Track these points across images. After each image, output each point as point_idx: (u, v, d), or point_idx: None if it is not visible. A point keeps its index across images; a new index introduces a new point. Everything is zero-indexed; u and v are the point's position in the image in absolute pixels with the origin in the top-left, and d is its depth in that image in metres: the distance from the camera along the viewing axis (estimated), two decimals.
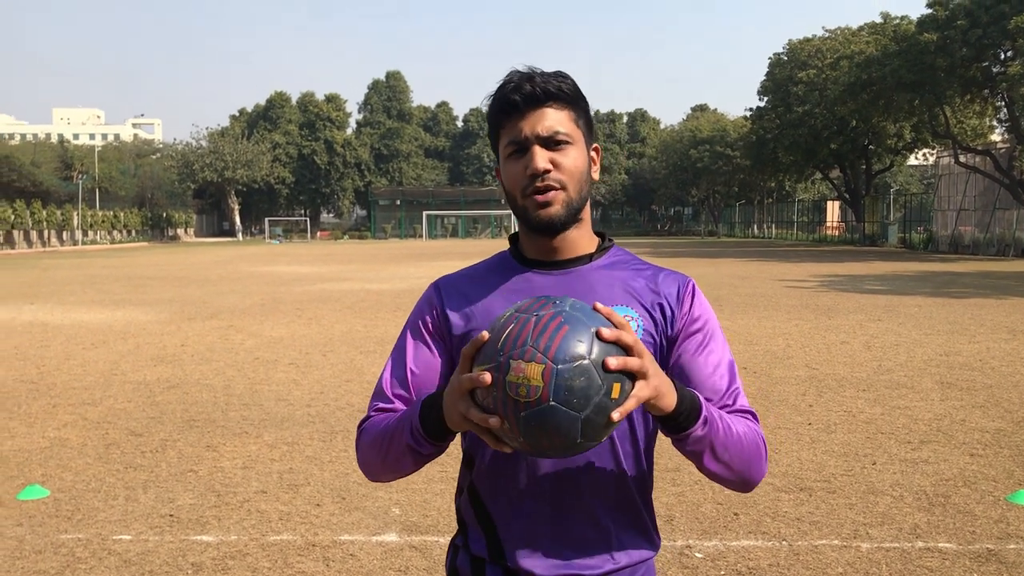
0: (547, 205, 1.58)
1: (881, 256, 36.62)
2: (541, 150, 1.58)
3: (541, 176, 1.57)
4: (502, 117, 1.62)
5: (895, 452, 6.14)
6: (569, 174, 1.59)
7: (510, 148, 1.61)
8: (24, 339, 12.40)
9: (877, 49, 42.63)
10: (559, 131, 1.58)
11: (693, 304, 1.67)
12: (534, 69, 1.62)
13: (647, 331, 1.62)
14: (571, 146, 1.60)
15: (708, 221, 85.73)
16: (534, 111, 1.59)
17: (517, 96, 1.58)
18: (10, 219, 55.52)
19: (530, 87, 1.58)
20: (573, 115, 1.62)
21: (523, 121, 1.59)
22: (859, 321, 13.59)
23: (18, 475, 5.81)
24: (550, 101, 1.59)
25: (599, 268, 1.67)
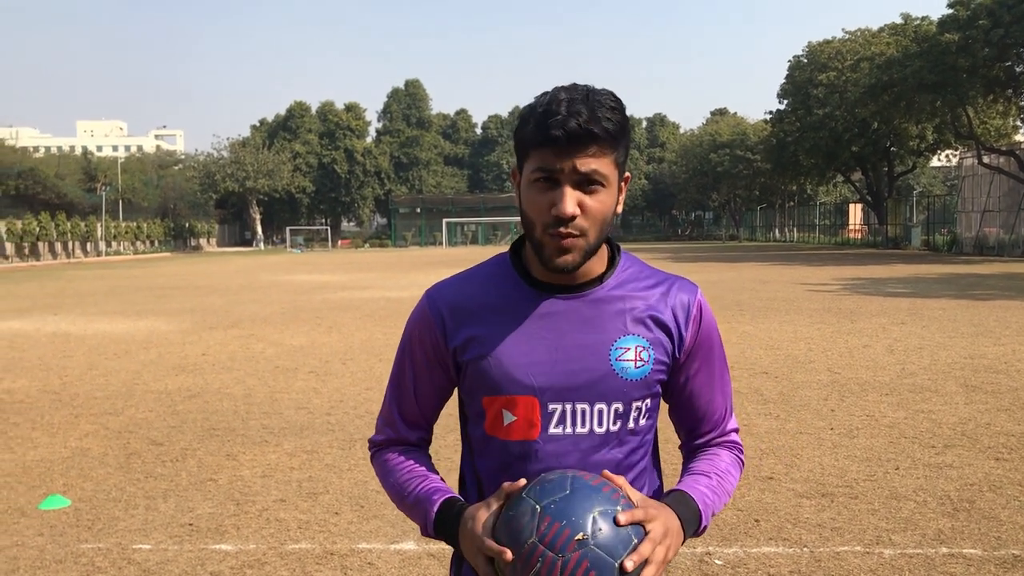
0: (565, 252, 1.50)
1: (904, 259, 36.32)
2: (571, 191, 1.47)
3: (568, 222, 1.48)
4: (538, 145, 1.49)
5: (918, 457, 6.06)
6: (594, 220, 1.50)
7: (538, 175, 1.50)
8: (48, 350, 12.51)
9: (898, 50, 42.38)
10: (596, 171, 1.48)
11: (701, 325, 1.65)
12: (581, 91, 1.49)
13: (658, 360, 1.60)
14: (603, 189, 1.50)
15: (729, 225, 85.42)
16: (575, 149, 1.46)
17: (560, 132, 1.45)
18: (35, 231, 56.16)
19: (576, 124, 1.44)
20: (614, 154, 1.50)
21: (561, 155, 1.46)
22: (882, 324, 13.46)
23: (40, 485, 5.84)
24: (596, 142, 1.46)
25: (610, 291, 1.61)
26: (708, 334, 1.66)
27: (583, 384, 1.56)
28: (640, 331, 1.59)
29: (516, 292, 1.61)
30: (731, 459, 1.72)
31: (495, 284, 1.64)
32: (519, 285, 1.62)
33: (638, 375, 1.58)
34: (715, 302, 17.64)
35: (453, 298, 1.65)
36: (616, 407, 1.58)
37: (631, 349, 1.58)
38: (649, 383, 1.60)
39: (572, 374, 1.56)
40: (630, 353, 1.58)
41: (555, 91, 1.50)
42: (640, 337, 1.59)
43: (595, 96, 1.49)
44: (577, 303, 1.59)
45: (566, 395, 1.57)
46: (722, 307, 16.57)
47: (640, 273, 1.66)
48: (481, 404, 1.62)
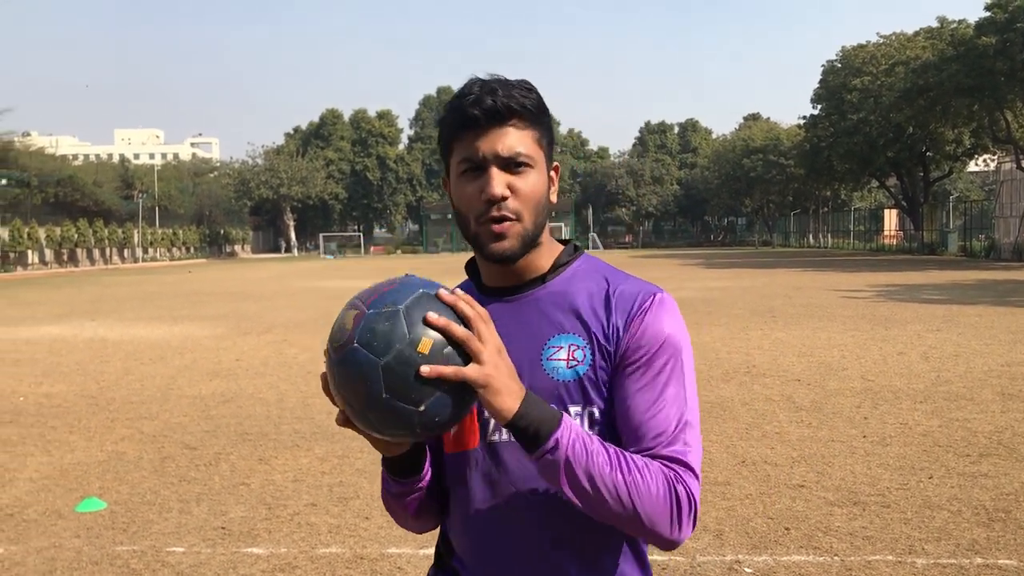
0: (501, 238, 1.44)
1: (940, 265, 35.85)
2: (499, 173, 1.43)
3: (498, 203, 1.42)
4: (458, 131, 1.45)
5: (953, 465, 5.99)
6: (526, 201, 1.44)
7: (464, 165, 1.45)
8: (85, 355, 12.71)
9: (934, 54, 41.93)
10: (520, 152, 1.43)
11: (643, 325, 1.44)
12: (496, 77, 1.47)
13: (597, 361, 1.45)
14: (531, 169, 1.45)
15: (762, 231, 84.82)
16: (495, 128, 1.42)
17: (477, 110, 1.42)
18: (73, 237, 57.09)
19: (492, 101, 1.42)
20: (536, 134, 1.47)
21: (481, 139, 1.43)
22: (917, 331, 13.31)
23: (77, 488, 5.95)
24: (513, 118, 1.43)
25: (552, 290, 1.52)
26: (656, 336, 1.44)
27: None
28: (576, 329, 1.48)
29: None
30: (655, 469, 1.36)
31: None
32: (473, 295, 1.52)
33: (570, 376, 1.45)
34: (748, 308, 17.53)
35: None
36: None
37: (563, 348, 1.47)
38: (586, 386, 1.45)
39: None
40: (562, 352, 1.46)
41: (470, 80, 1.48)
42: (574, 335, 1.47)
43: (508, 81, 1.47)
44: (517, 304, 1.52)
45: None
46: (755, 313, 16.46)
47: (594, 273, 1.54)
48: None
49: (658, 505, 1.34)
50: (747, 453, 6.43)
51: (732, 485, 5.62)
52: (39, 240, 53.72)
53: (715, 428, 7.23)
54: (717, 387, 9.07)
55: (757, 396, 8.56)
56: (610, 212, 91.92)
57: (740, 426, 7.30)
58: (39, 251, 54.39)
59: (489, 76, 1.48)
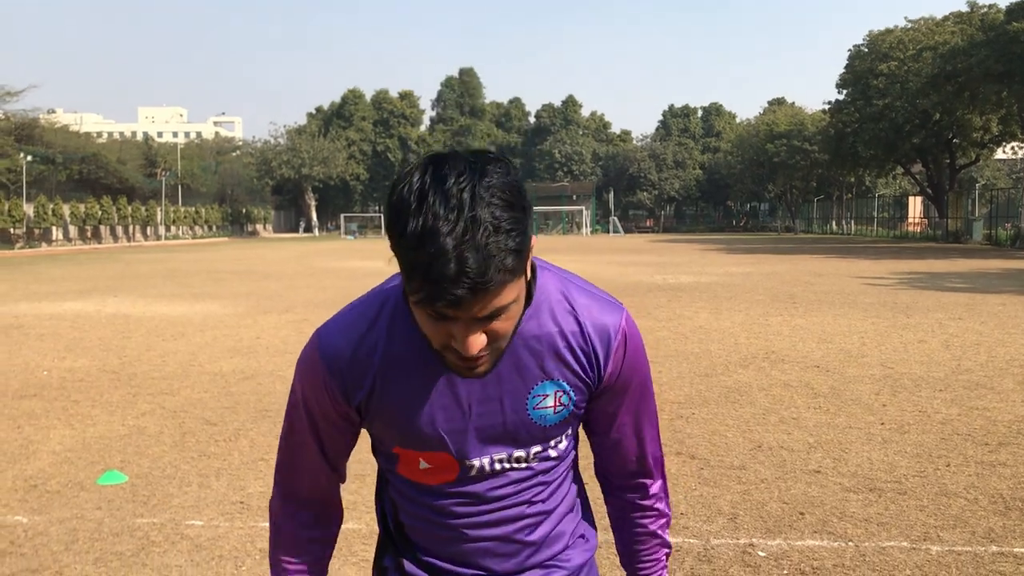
0: (475, 369, 1.36)
1: (965, 253, 35.51)
2: (474, 332, 1.28)
3: (472, 359, 1.33)
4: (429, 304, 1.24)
5: (971, 454, 5.96)
6: (504, 337, 1.34)
7: (428, 310, 1.25)
8: (107, 331, 12.85)
9: (963, 39, 41.41)
10: (503, 307, 1.27)
11: (626, 356, 1.48)
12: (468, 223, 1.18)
13: (578, 400, 1.49)
14: (513, 304, 1.29)
15: (785, 217, 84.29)
16: (469, 304, 1.23)
17: (449, 300, 1.20)
18: (97, 215, 57.61)
19: (467, 289, 1.19)
20: (518, 278, 1.28)
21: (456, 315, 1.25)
22: (938, 319, 13.21)
23: (99, 461, 6.03)
24: (494, 288, 1.22)
25: (525, 335, 1.42)
26: (632, 366, 1.50)
27: (500, 436, 1.46)
28: (558, 373, 1.44)
29: (419, 339, 1.40)
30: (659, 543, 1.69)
31: (396, 326, 1.43)
32: (413, 331, 1.41)
33: (557, 419, 1.48)
34: (768, 294, 17.46)
35: (350, 348, 1.43)
36: (534, 449, 1.50)
37: (549, 396, 1.45)
38: (569, 421, 1.52)
39: (489, 428, 1.45)
40: (548, 400, 1.45)
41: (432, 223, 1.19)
42: (559, 381, 1.45)
43: (482, 223, 1.19)
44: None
45: (483, 450, 1.47)
46: (775, 299, 16.39)
47: (555, 296, 1.45)
48: (392, 451, 1.51)
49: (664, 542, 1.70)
50: (763, 438, 6.43)
51: (747, 469, 5.62)
52: (63, 217, 54.23)
53: (732, 413, 7.23)
54: (735, 372, 9.06)
55: (775, 382, 8.54)
56: (631, 196, 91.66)
57: (757, 411, 7.30)
58: (63, 228, 54.93)
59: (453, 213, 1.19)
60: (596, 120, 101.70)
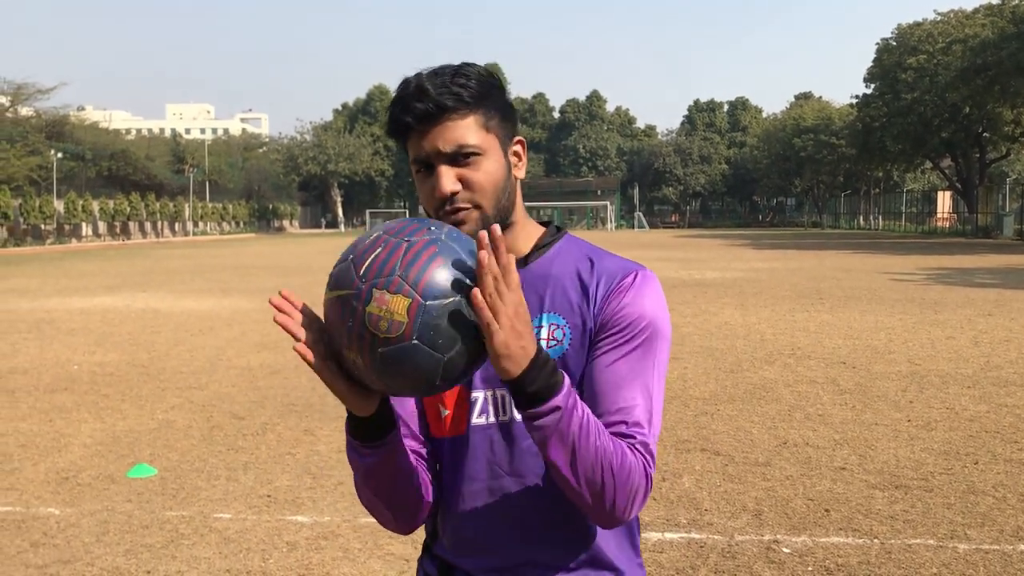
0: (460, 225, 1.39)
1: (994, 249, 35.08)
2: (447, 169, 1.39)
3: (449, 200, 1.40)
4: (399, 136, 1.43)
5: (999, 452, 5.91)
6: (481, 190, 1.40)
7: (416, 166, 1.43)
8: (136, 326, 13.00)
9: (993, 32, 40.89)
10: (464, 144, 1.39)
11: (624, 299, 1.43)
12: (431, 72, 1.41)
13: (577, 340, 1.44)
14: (482, 157, 1.41)
15: (812, 212, 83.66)
16: (433, 127, 1.38)
17: (409, 117, 1.39)
18: (126, 211, 58.23)
19: (422, 105, 1.38)
20: (481, 119, 1.41)
21: (423, 139, 1.39)
22: (967, 316, 13.08)
23: (129, 454, 6.12)
24: (449, 112, 1.38)
25: (534, 272, 1.49)
26: (633, 314, 1.42)
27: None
28: (557, 308, 1.46)
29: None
30: (625, 447, 1.35)
31: None
32: None
33: (550, 355, 1.36)
34: (795, 290, 17.36)
35: None
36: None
37: (544, 327, 1.45)
38: (565, 366, 1.42)
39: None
40: (542, 332, 1.45)
41: (404, 80, 1.43)
42: (555, 315, 1.46)
43: (446, 70, 1.41)
44: None
45: (487, 381, 1.46)
46: (801, 295, 16.29)
47: (577, 250, 1.52)
48: (422, 403, 1.55)
49: (625, 486, 1.33)
50: (788, 434, 6.40)
51: (772, 466, 5.61)
52: (93, 213, 54.86)
53: (757, 409, 7.20)
54: (760, 368, 9.02)
55: (801, 378, 8.50)
56: (657, 191, 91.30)
57: (783, 408, 7.27)
58: (92, 223, 55.57)
59: (425, 72, 1.42)
60: (621, 115, 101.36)
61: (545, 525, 1.48)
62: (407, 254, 1.18)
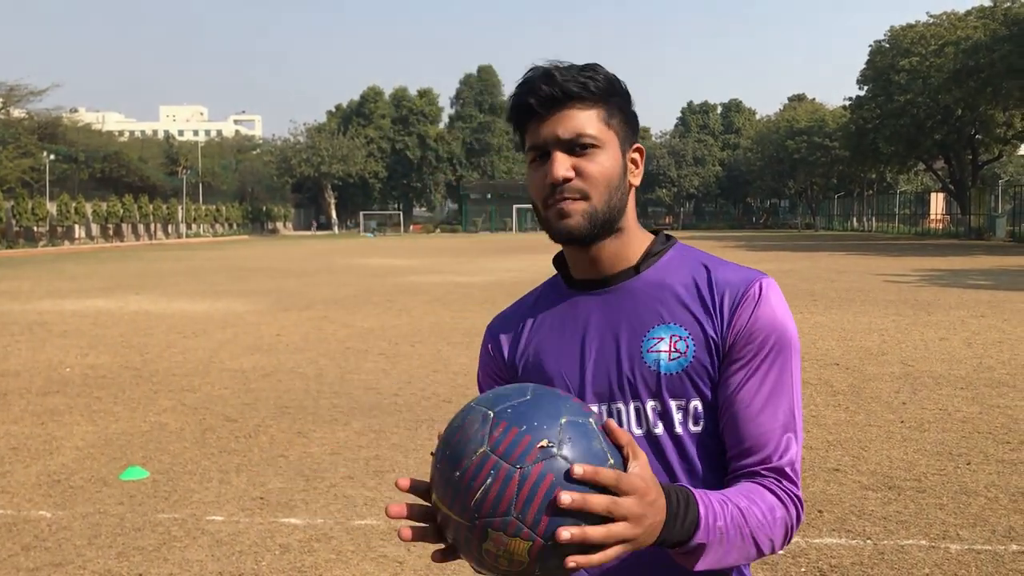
0: (566, 216, 1.38)
1: (988, 250, 35.18)
2: (563, 156, 1.38)
3: (561, 186, 1.38)
4: (521, 121, 1.43)
5: (992, 452, 5.92)
6: (594, 182, 1.38)
7: (532, 154, 1.42)
8: (129, 328, 12.96)
9: (986, 34, 41.00)
10: (584, 133, 1.38)
11: (754, 314, 1.38)
12: (558, 64, 1.41)
13: (701, 354, 1.38)
14: (599, 150, 1.39)
15: (805, 214, 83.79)
16: (555, 112, 1.38)
17: (532, 99, 1.39)
18: (119, 213, 58.06)
19: (547, 88, 1.38)
20: (604, 114, 1.40)
21: (543, 125, 1.39)
22: (960, 317, 13.11)
23: (121, 457, 6.10)
24: (573, 101, 1.38)
25: (647, 280, 1.45)
26: (766, 327, 1.37)
27: (615, 381, 1.41)
28: (677, 318, 1.40)
29: (559, 298, 1.52)
30: (772, 502, 1.32)
31: (546, 296, 1.55)
32: (562, 290, 1.52)
33: (673, 368, 1.37)
34: (788, 291, 17.37)
35: (506, 322, 1.58)
36: (652, 405, 1.39)
37: (664, 339, 1.39)
38: (690, 379, 1.37)
39: (603, 372, 1.42)
40: (663, 343, 1.39)
41: (531, 68, 1.44)
42: (676, 326, 1.40)
43: (570, 65, 1.42)
44: (612, 296, 1.45)
45: (601, 396, 1.42)
46: (795, 296, 16.32)
47: (691, 258, 1.48)
48: None
49: (778, 538, 1.32)
50: None
51: None
52: (86, 215, 54.70)
53: None
54: None
55: None
56: (650, 193, 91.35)
57: None
58: (86, 226, 55.39)
59: (550, 63, 1.42)
60: None
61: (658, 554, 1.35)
62: (522, 490, 1.06)
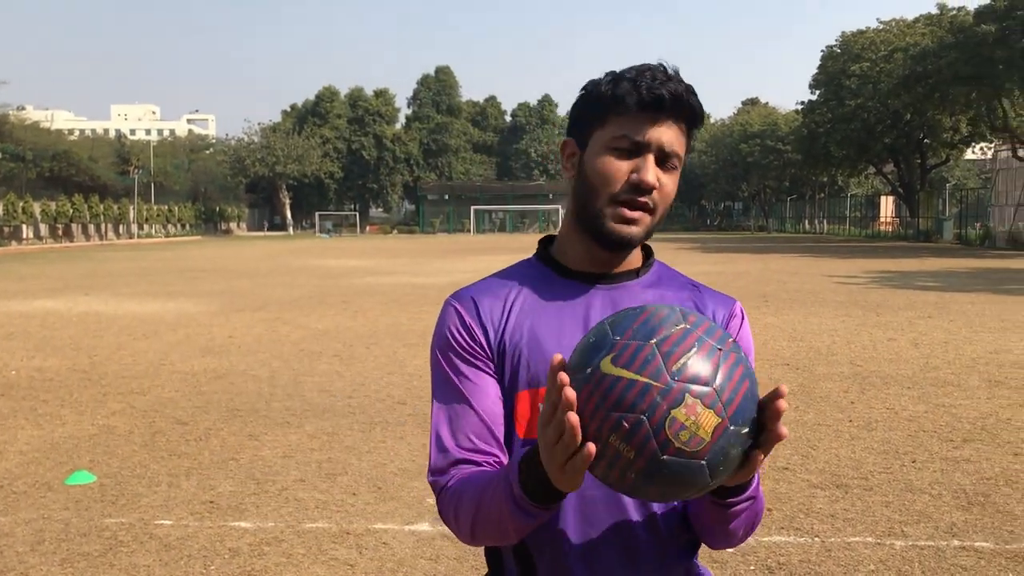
0: (631, 223, 1.41)
1: (935, 252, 35.90)
2: (654, 163, 1.40)
3: (647, 192, 1.40)
4: (635, 107, 1.39)
5: (936, 450, 6.05)
6: (664, 200, 1.43)
7: (620, 143, 1.39)
8: (78, 330, 12.73)
9: (933, 41, 41.85)
10: (677, 153, 1.41)
11: (740, 330, 1.49)
12: (676, 69, 1.42)
13: None
14: (676, 172, 1.44)
15: (758, 216, 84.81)
16: (668, 119, 1.39)
17: (665, 92, 1.37)
18: (68, 213, 56.92)
19: (679, 90, 1.38)
20: (687, 140, 1.45)
21: (655, 125, 1.39)
22: (908, 318, 13.36)
23: (67, 461, 5.98)
24: (684, 116, 1.41)
25: (645, 286, 1.51)
26: (746, 344, 1.48)
27: None
28: None
29: (551, 284, 1.49)
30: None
31: (527, 280, 1.51)
32: (552, 278, 1.50)
33: None
34: (741, 293, 17.57)
35: (483, 295, 1.50)
36: None
37: None
38: None
39: None
40: None
41: (652, 64, 1.42)
42: None
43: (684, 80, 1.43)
44: (616, 293, 1.48)
45: None
46: (747, 298, 16.50)
47: (674, 277, 1.57)
48: (515, 400, 1.44)
49: (758, 522, 1.42)
50: None
51: None
52: (34, 215, 53.54)
53: None
54: None
55: None
56: None
57: None
58: (34, 226, 54.22)
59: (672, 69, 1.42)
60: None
61: (654, 538, 1.44)
62: (722, 367, 1.09)
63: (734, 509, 1.30)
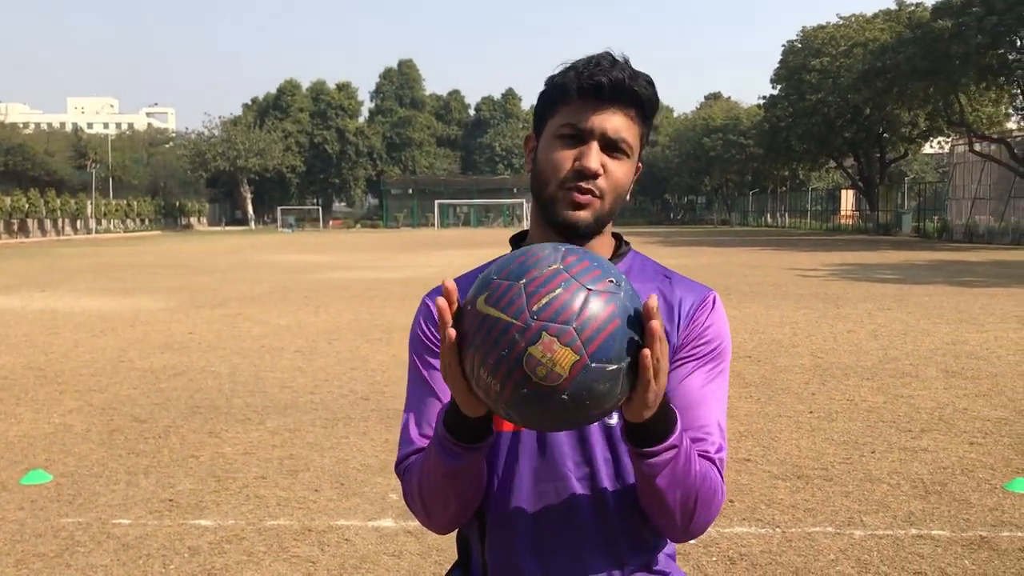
0: (579, 208, 1.42)
1: (894, 245, 36.43)
2: (598, 150, 1.41)
3: (588, 177, 1.41)
4: (576, 94, 1.42)
5: (895, 440, 6.13)
6: (612, 186, 1.43)
7: (565, 130, 1.42)
8: (34, 327, 12.51)
9: (891, 36, 42.37)
10: (624, 139, 1.43)
11: (708, 320, 1.47)
12: (625, 59, 1.44)
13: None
14: (626, 158, 1.44)
15: (721, 210, 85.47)
16: (611, 107, 1.41)
17: (605, 79, 1.39)
18: (24, 208, 55.92)
19: (622, 77, 1.40)
20: (641, 130, 1.46)
21: (595, 111, 1.41)
22: (867, 310, 13.54)
23: (22, 460, 5.87)
24: (630, 104, 1.43)
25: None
26: (716, 334, 1.47)
27: None
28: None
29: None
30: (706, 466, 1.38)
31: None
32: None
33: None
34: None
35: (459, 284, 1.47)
36: None
37: None
38: None
39: None
40: None
41: (601, 53, 1.44)
42: None
43: (635, 69, 1.44)
44: None
45: None
46: None
47: (649, 267, 1.56)
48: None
49: (709, 505, 1.39)
50: None
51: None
52: None
53: None
54: None
55: None
56: None
57: None
58: None
59: (621, 56, 1.44)
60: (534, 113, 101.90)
61: (605, 531, 1.45)
62: (586, 308, 1.11)
63: (651, 460, 1.28)
